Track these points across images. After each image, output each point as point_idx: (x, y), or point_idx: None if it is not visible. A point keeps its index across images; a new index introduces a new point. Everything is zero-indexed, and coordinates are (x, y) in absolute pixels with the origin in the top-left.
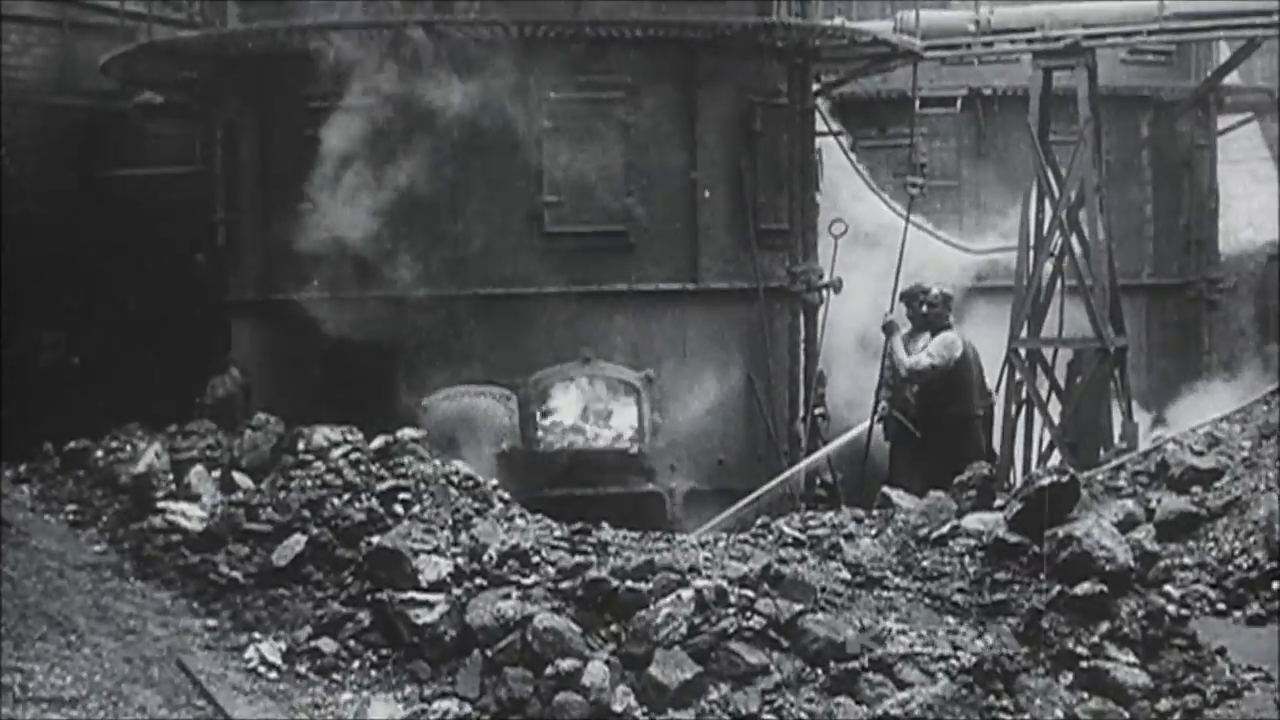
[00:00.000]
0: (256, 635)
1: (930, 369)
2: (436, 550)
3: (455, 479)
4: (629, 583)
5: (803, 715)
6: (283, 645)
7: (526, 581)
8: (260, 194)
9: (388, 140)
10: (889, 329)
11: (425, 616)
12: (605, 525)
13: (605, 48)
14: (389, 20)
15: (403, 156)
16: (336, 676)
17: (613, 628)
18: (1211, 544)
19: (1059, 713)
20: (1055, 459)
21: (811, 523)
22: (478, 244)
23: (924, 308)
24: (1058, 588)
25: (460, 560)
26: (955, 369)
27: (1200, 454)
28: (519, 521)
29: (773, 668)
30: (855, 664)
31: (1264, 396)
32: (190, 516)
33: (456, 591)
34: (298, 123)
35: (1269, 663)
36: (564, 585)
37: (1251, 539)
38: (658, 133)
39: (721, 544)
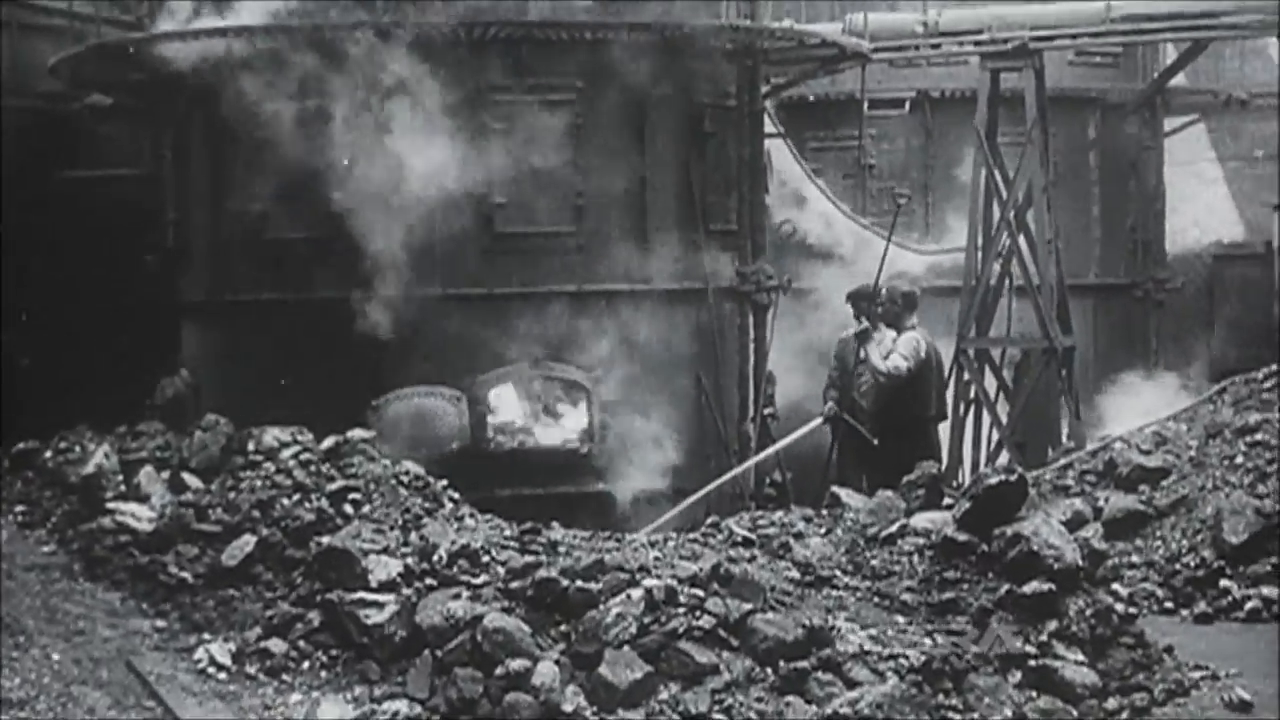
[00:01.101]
0: (206, 636)
1: (907, 372)
2: (386, 550)
3: (405, 479)
4: (579, 582)
5: (752, 715)
6: (232, 646)
7: (476, 581)
8: (209, 195)
9: (336, 142)
10: (864, 335)
11: (375, 617)
12: (555, 525)
13: (553, 49)
14: (338, 22)
15: (351, 158)
16: (286, 677)
17: (563, 628)
18: (1159, 543)
19: (1008, 711)
20: (1003, 458)
21: (761, 522)
22: (428, 245)
23: (878, 308)
24: (1006, 587)
25: (410, 560)
26: (917, 370)
27: (1148, 453)
28: (469, 521)
29: (722, 667)
30: (804, 663)
31: (1210, 395)
32: (139, 517)
33: (406, 592)
34: (246, 124)
35: (1216, 661)
36: (514, 585)
37: (1199, 537)
38: (607, 134)
39: (671, 543)
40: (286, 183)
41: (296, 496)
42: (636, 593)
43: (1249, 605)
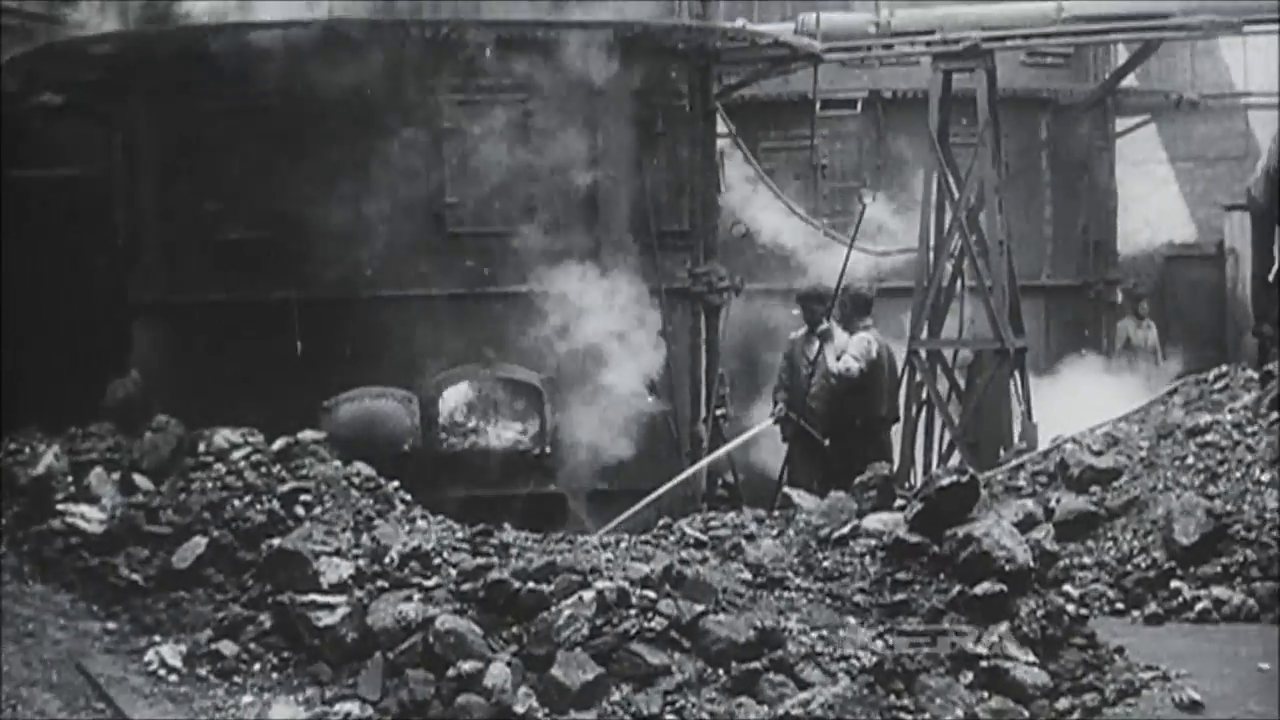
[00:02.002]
0: (157, 638)
1: (859, 373)
2: (338, 552)
3: (356, 480)
4: (531, 584)
5: (704, 716)
6: (183, 648)
7: (428, 583)
8: (161, 195)
9: (288, 141)
10: (825, 335)
11: (326, 619)
12: (507, 527)
13: (505, 49)
14: (290, 20)
15: (303, 157)
16: (237, 679)
17: (514, 629)
18: (1110, 543)
19: (959, 712)
20: (955, 459)
21: (713, 523)
22: (379, 245)
23: (828, 309)
24: (958, 587)
25: (361, 562)
26: (869, 371)
27: (1099, 454)
28: (421, 523)
29: (674, 668)
30: (756, 664)
31: (1162, 396)
32: (90, 519)
33: (358, 593)
34: (198, 124)
35: (1167, 662)
36: (466, 587)
37: (1150, 538)
38: (559, 134)
39: (623, 545)
40: (237, 183)
41: (248, 498)
42: (588, 594)
43: (1199, 606)
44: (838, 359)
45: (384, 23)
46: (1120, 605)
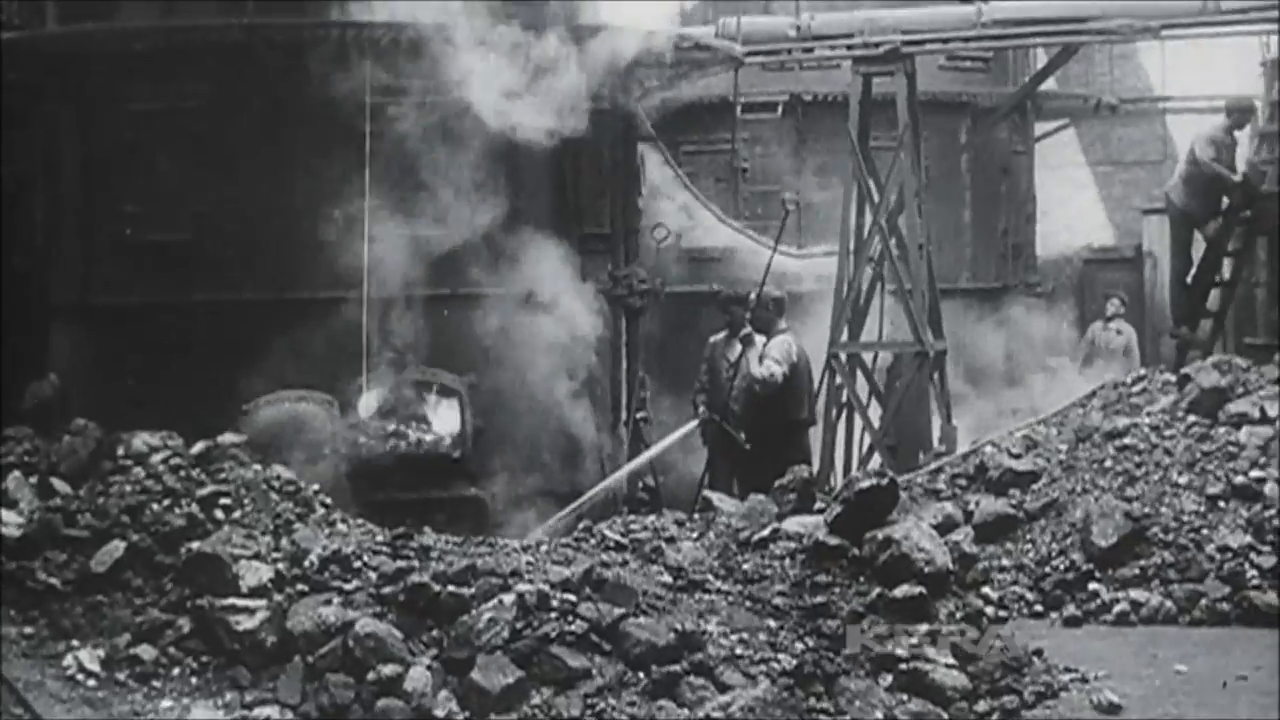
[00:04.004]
0: (75, 643)
1: (782, 377)
2: (257, 556)
3: (276, 484)
4: (451, 587)
5: (624, 719)
6: (101, 652)
7: (348, 587)
8: (81, 196)
9: (208, 143)
10: (747, 340)
11: (246, 623)
12: (427, 530)
13: (425, 50)
14: (212, 23)
15: (223, 159)
16: (156, 683)
17: (435, 633)
18: (1029, 546)
19: (879, 714)
20: (875, 462)
21: (633, 526)
22: (300, 247)
23: (747, 313)
24: (877, 590)
25: (281, 566)
26: (790, 374)
27: (1018, 456)
28: (341, 526)
29: (595, 672)
30: (676, 667)
31: (1080, 400)
32: (7, 523)
33: (277, 597)
34: (119, 124)
35: (1085, 664)
36: (386, 590)
37: (1068, 541)
38: (480, 136)
39: (544, 548)
40: (158, 184)
41: (166, 502)
42: (509, 598)
43: (1117, 608)
44: (760, 362)
45: (305, 25)
46: (1039, 607)
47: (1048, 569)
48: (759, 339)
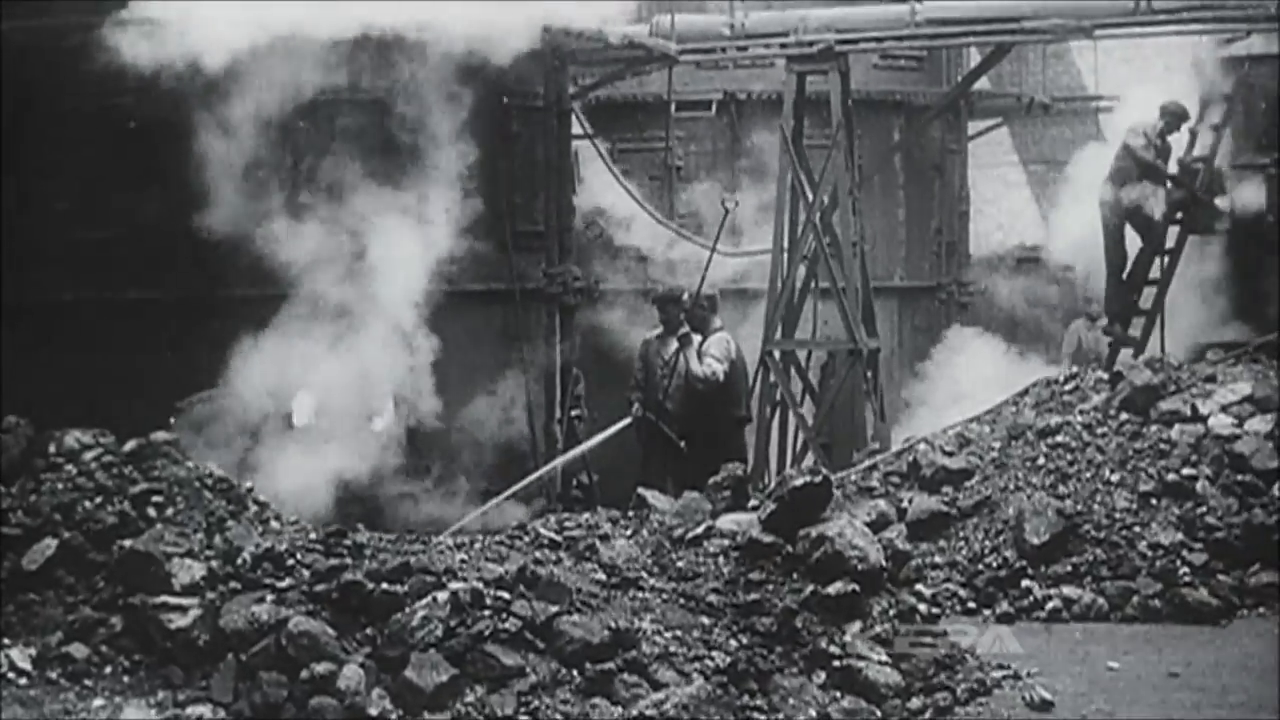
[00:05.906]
0: (6, 641)
1: (723, 375)
2: (190, 554)
3: (209, 482)
4: (384, 585)
5: (558, 717)
6: (33, 651)
7: (281, 585)
8: (12, 193)
9: (141, 140)
10: (685, 339)
11: (178, 621)
12: (360, 527)
13: (358, 48)
14: (145, 18)
15: (157, 157)
16: (88, 682)
17: (368, 631)
18: (962, 543)
19: (812, 712)
20: (809, 460)
21: (568, 524)
22: (233, 246)
23: (682, 311)
24: (811, 587)
25: (214, 564)
26: (728, 372)
27: (951, 454)
28: (274, 524)
29: (528, 669)
30: (610, 665)
31: (1013, 398)
32: None
33: (210, 595)
34: (51, 122)
35: (1017, 661)
36: (319, 588)
37: (1001, 538)
38: (413, 135)
39: (477, 546)
40: (89, 181)
41: (99, 499)
42: (442, 595)
43: (1050, 605)
44: (700, 360)
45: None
46: (972, 604)
47: (980, 566)
48: (696, 337)
